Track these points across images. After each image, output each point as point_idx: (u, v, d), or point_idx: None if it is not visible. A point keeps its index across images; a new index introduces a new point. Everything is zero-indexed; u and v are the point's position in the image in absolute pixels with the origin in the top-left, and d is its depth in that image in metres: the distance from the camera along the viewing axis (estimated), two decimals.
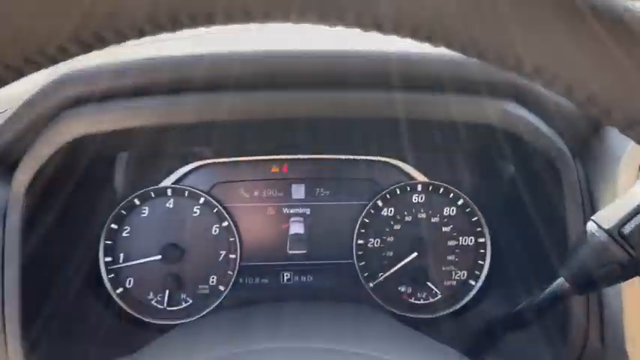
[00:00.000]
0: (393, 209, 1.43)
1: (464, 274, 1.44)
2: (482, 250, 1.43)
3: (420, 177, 1.44)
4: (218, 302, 1.40)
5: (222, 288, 1.41)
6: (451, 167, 1.45)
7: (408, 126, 1.13)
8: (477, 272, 1.43)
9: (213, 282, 1.41)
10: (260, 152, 1.45)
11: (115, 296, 1.38)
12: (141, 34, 0.33)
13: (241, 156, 1.44)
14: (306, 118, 1.10)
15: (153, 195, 1.40)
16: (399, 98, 1.04)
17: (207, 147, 1.39)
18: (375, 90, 1.04)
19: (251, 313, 1.11)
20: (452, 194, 1.43)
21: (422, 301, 1.44)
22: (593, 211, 1.09)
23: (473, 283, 1.43)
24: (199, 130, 1.14)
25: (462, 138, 1.22)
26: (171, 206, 1.40)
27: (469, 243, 1.44)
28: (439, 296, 1.43)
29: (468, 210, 1.43)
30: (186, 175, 1.42)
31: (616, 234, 0.76)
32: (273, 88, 1.02)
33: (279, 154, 1.45)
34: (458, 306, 1.43)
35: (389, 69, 1.02)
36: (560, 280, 0.84)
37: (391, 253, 1.43)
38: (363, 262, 1.43)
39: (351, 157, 1.45)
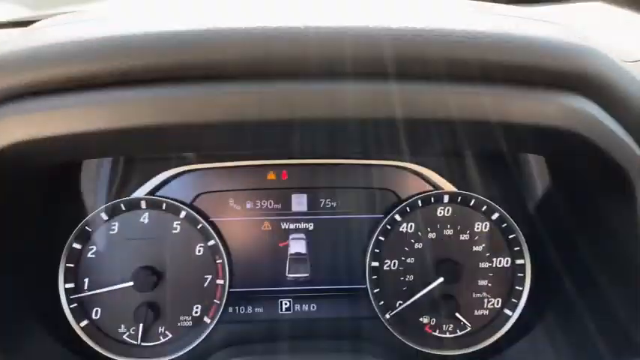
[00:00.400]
0: (413, 225, 1.19)
1: (498, 302, 1.20)
2: (520, 274, 1.20)
3: (446, 186, 1.21)
4: (203, 337, 1.17)
5: (207, 320, 1.17)
6: (484, 174, 1.20)
7: (433, 125, 0.88)
8: (514, 300, 1.19)
9: (197, 312, 1.18)
10: (253, 156, 1.20)
11: (78, 330, 1.15)
12: None
13: (230, 160, 1.20)
14: (309, 115, 0.84)
15: (123, 208, 1.17)
16: (426, 90, 0.78)
17: (188, 151, 1.14)
18: (396, 80, 0.78)
19: None
20: (485, 207, 1.19)
21: (448, 335, 1.20)
22: None
23: (509, 312, 1.19)
24: (176, 132, 0.88)
25: (502, 140, 0.97)
26: (145, 221, 1.17)
27: (505, 265, 1.20)
28: (468, 329, 1.20)
29: (504, 225, 1.19)
30: (163, 183, 1.19)
31: None
32: (271, 79, 0.76)
33: (276, 158, 1.21)
34: (491, 340, 1.19)
35: (416, 52, 0.77)
36: None
37: (412, 278, 1.19)
38: (378, 289, 1.19)
39: (363, 161, 1.21)
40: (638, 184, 0.82)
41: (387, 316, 1.19)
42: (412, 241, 1.19)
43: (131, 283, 1.13)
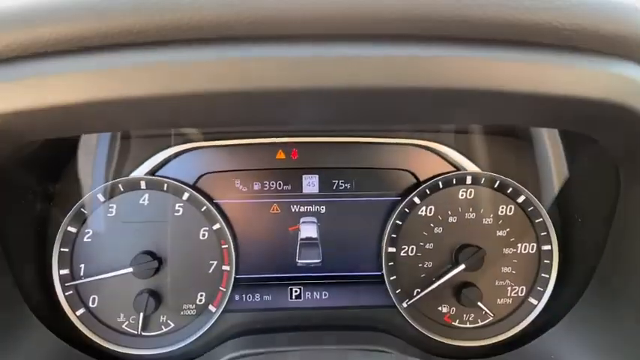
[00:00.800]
0: (433, 208, 1.12)
1: (522, 290, 1.13)
2: (546, 261, 1.13)
3: (469, 166, 1.12)
4: (208, 327, 1.10)
5: (212, 308, 1.11)
6: (509, 154, 1.12)
7: (456, 98, 0.79)
8: (539, 288, 1.13)
9: (201, 300, 1.11)
10: (261, 133, 1.12)
11: (74, 320, 1.08)
12: None
13: (236, 138, 1.12)
14: (322, 86, 0.74)
15: (122, 188, 1.09)
16: (447, 56, 0.69)
17: (190, 127, 1.06)
18: (427, 45, 0.69)
19: None
20: (510, 189, 1.11)
21: (469, 325, 1.14)
22: None
23: (534, 302, 1.12)
24: (177, 105, 0.79)
25: (533, 115, 0.88)
26: (145, 203, 1.09)
27: (530, 251, 1.13)
28: (491, 319, 1.13)
29: (530, 209, 1.12)
30: (165, 162, 1.11)
31: None
32: (285, 42, 0.67)
33: (285, 136, 1.12)
34: (515, 331, 1.13)
35: (437, 12, 0.67)
36: None
37: (430, 265, 1.12)
38: (395, 276, 1.12)
39: (379, 140, 1.13)
40: None
41: (404, 304, 1.12)
42: (431, 225, 1.12)
43: (130, 270, 1.06)
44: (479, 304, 1.10)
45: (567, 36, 0.68)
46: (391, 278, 1.12)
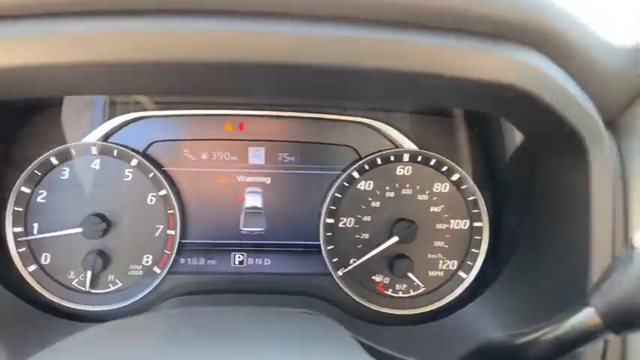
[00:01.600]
0: (371, 182, 1.17)
1: (453, 264, 1.19)
2: (477, 237, 1.18)
3: (407, 144, 1.17)
4: (153, 287, 1.15)
5: (157, 270, 1.16)
6: (446, 134, 1.17)
7: (394, 79, 0.84)
8: (469, 263, 1.18)
9: (147, 262, 1.16)
10: (210, 105, 1.16)
11: (26, 275, 1.13)
12: None
13: (187, 109, 1.16)
14: (268, 61, 0.78)
15: (74, 153, 1.13)
16: (385, 39, 0.73)
17: (141, 95, 1.10)
18: (352, 27, 0.73)
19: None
20: (445, 167, 1.16)
21: (400, 295, 1.20)
22: (626, 204, 0.82)
23: (464, 275, 1.18)
24: (129, 72, 0.83)
25: (461, 98, 0.93)
26: (97, 167, 1.14)
27: (462, 227, 1.18)
28: (422, 289, 1.19)
29: (463, 187, 1.17)
30: (117, 129, 1.15)
31: None
32: (235, 15, 0.71)
33: (234, 109, 1.17)
34: (444, 302, 1.19)
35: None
36: (590, 311, 0.58)
37: (367, 236, 1.18)
38: (332, 246, 1.18)
39: (323, 116, 1.17)
40: (592, 149, 0.79)
41: (340, 273, 1.17)
42: (369, 199, 1.17)
43: (80, 230, 1.11)
44: (409, 274, 1.16)
45: (473, 22, 0.72)
46: (328, 248, 1.17)
